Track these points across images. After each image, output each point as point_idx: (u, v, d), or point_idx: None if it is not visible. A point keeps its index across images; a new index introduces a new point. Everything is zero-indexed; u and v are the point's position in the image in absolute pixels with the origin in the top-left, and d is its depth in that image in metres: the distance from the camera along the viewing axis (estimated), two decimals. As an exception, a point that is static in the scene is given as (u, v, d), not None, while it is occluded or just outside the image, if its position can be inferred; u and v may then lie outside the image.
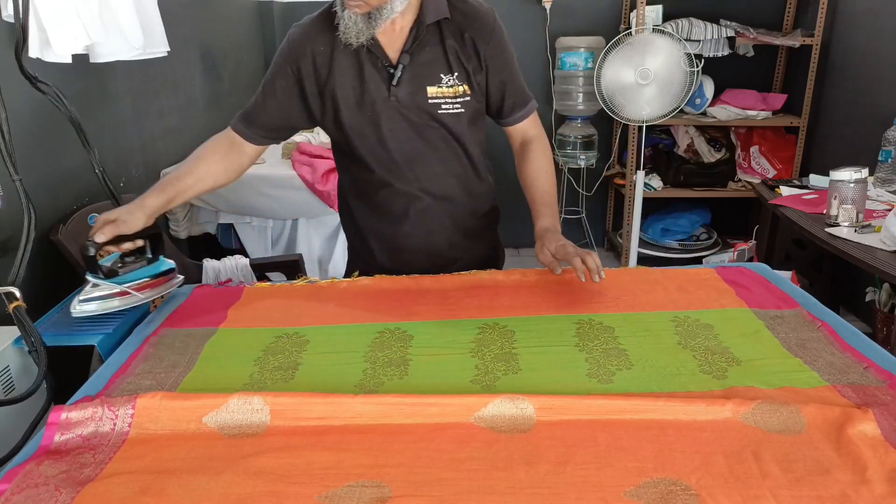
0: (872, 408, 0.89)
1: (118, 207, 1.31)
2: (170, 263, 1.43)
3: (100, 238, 1.24)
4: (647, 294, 1.30)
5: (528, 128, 1.48)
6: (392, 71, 1.31)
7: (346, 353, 1.12)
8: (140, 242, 1.38)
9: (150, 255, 1.41)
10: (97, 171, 1.58)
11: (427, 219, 1.44)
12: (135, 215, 1.28)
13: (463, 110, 1.36)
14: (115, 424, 0.92)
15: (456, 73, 1.33)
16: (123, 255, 1.38)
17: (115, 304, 1.31)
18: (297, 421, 0.92)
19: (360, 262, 1.56)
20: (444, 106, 1.34)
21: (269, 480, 0.82)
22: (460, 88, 1.34)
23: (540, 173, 1.45)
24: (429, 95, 1.33)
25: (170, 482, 0.82)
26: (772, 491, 0.77)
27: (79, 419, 0.93)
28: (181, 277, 1.47)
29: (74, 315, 1.28)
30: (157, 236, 1.42)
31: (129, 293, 1.32)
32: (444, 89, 1.33)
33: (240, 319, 1.26)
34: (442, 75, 1.33)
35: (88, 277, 1.30)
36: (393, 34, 1.31)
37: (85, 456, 0.87)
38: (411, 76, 1.32)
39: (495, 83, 1.38)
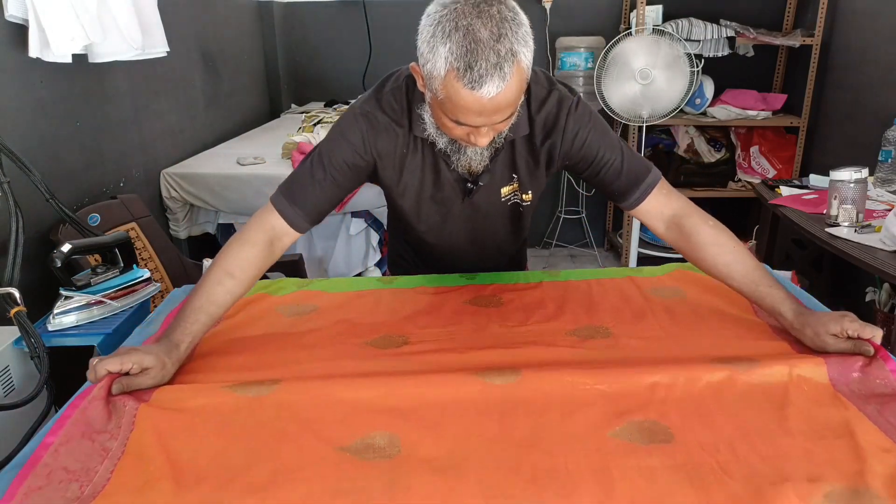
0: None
1: (144, 352, 1.00)
2: (143, 272, 1.44)
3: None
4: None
5: (660, 206, 1.23)
6: (470, 186, 1.25)
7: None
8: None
9: (121, 265, 1.42)
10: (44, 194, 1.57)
11: (466, 260, 1.46)
12: (166, 368, 1.02)
13: (528, 204, 1.32)
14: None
15: (521, 184, 1.27)
16: (94, 268, 1.39)
17: (92, 314, 1.33)
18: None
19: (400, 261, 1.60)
20: (513, 199, 1.30)
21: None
22: (521, 195, 1.30)
23: (728, 252, 1.16)
24: (502, 196, 1.29)
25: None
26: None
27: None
28: (158, 285, 1.48)
29: (52, 329, 1.29)
30: (127, 245, 1.42)
31: (104, 302, 1.33)
32: (515, 185, 1.28)
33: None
34: (513, 174, 1.27)
35: (62, 291, 1.31)
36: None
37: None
38: (487, 182, 1.26)
39: (588, 172, 1.25)
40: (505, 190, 1.28)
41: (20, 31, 1.73)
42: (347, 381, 0.99)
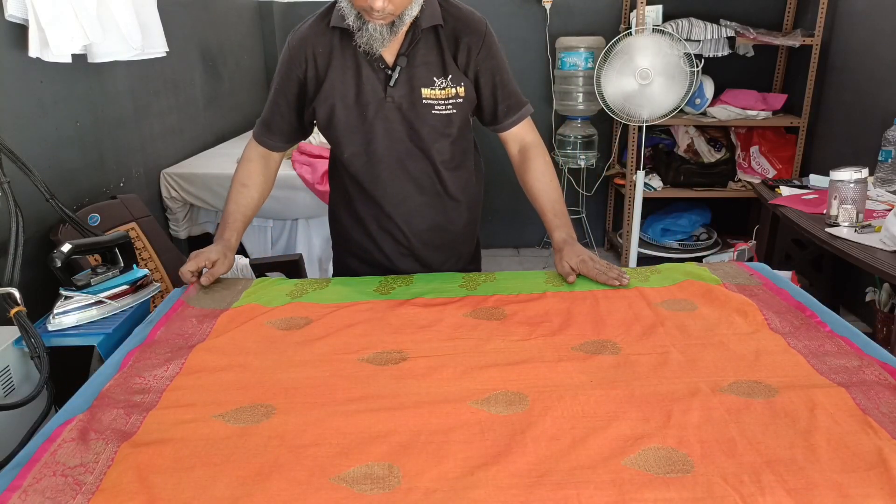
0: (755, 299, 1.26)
1: (208, 251, 1.41)
2: (143, 271, 1.44)
3: (191, 277, 1.40)
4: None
5: (523, 133, 1.49)
6: (389, 73, 1.35)
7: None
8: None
9: (121, 265, 1.42)
10: (44, 194, 1.57)
11: (414, 220, 1.49)
12: (228, 257, 1.43)
13: (455, 111, 1.40)
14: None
15: (451, 76, 1.37)
16: (95, 268, 1.39)
17: (92, 314, 1.32)
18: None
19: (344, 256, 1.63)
20: (437, 107, 1.38)
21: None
22: (453, 91, 1.38)
23: (545, 182, 1.47)
24: (423, 96, 1.37)
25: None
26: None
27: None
28: (158, 285, 1.48)
29: (52, 329, 1.29)
30: (127, 245, 1.42)
31: (104, 302, 1.33)
32: (437, 91, 1.37)
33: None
34: (435, 78, 1.37)
35: (61, 291, 1.31)
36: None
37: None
38: (407, 77, 1.36)
39: (488, 88, 1.41)
40: (426, 91, 1.36)
41: (20, 31, 1.73)
42: (343, 406, 0.95)
